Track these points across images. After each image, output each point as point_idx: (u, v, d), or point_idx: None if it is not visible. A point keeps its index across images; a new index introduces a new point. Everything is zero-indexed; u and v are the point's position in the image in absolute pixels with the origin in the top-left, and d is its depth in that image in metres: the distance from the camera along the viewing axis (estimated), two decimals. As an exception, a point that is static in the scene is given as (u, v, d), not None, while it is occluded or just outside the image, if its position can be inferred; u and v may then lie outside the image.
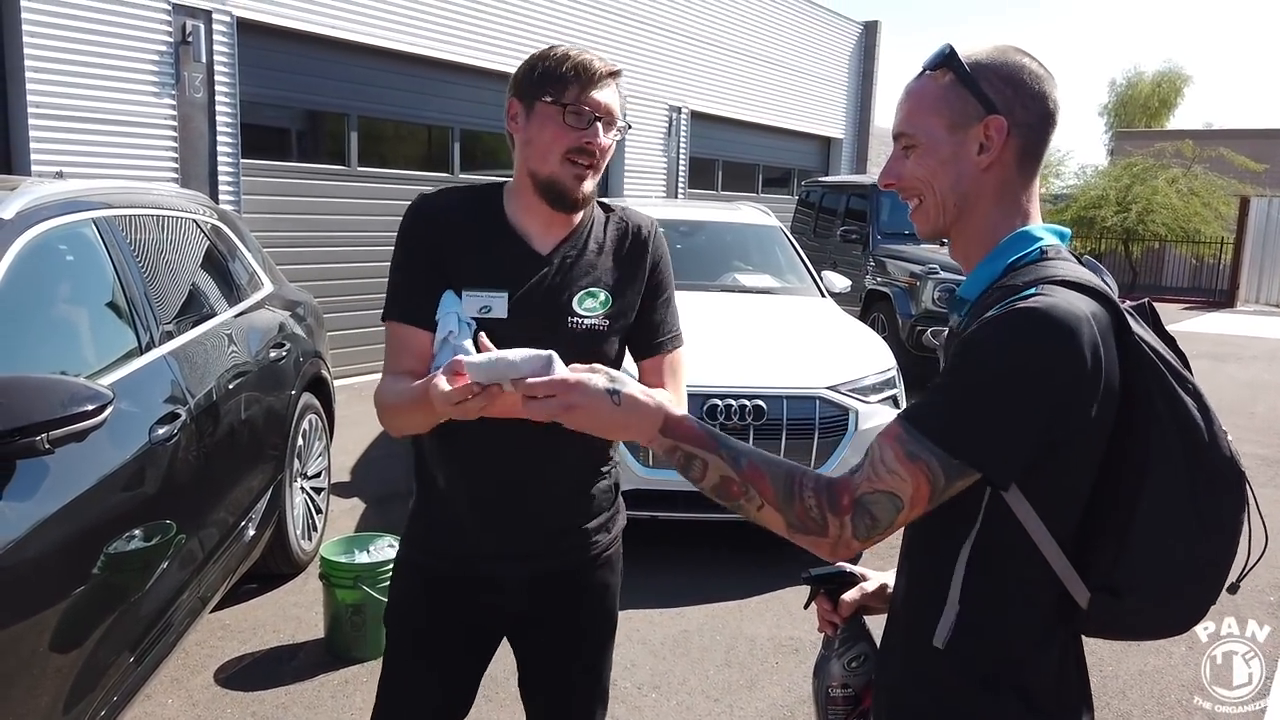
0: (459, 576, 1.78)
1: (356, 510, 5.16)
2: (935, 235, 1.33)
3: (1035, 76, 1.25)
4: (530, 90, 1.67)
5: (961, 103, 1.24)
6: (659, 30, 13.04)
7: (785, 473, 1.23)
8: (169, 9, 7.19)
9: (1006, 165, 1.25)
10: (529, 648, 1.88)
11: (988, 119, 1.23)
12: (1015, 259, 1.24)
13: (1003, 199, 1.27)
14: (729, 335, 5.15)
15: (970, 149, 1.24)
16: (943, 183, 1.26)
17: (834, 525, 1.18)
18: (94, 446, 2.27)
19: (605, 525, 1.84)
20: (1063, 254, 1.25)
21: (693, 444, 1.28)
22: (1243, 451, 1.19)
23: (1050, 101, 1.26)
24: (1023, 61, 1.25)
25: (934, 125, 1.25)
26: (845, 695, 1.44)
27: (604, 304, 1.73)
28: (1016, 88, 1.23)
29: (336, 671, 3.47)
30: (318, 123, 9.10)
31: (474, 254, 1.71)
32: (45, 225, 2.61)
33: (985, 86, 1.23)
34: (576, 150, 1.65)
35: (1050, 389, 1.12)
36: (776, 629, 3.94)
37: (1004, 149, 1.24)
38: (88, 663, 2.26)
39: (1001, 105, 1.23)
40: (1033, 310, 1.12)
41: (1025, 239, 1.26)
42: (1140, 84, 39.24)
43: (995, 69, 1.24)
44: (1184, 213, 19.97)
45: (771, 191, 16.41)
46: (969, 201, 1.27)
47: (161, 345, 2.99)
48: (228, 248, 4.11)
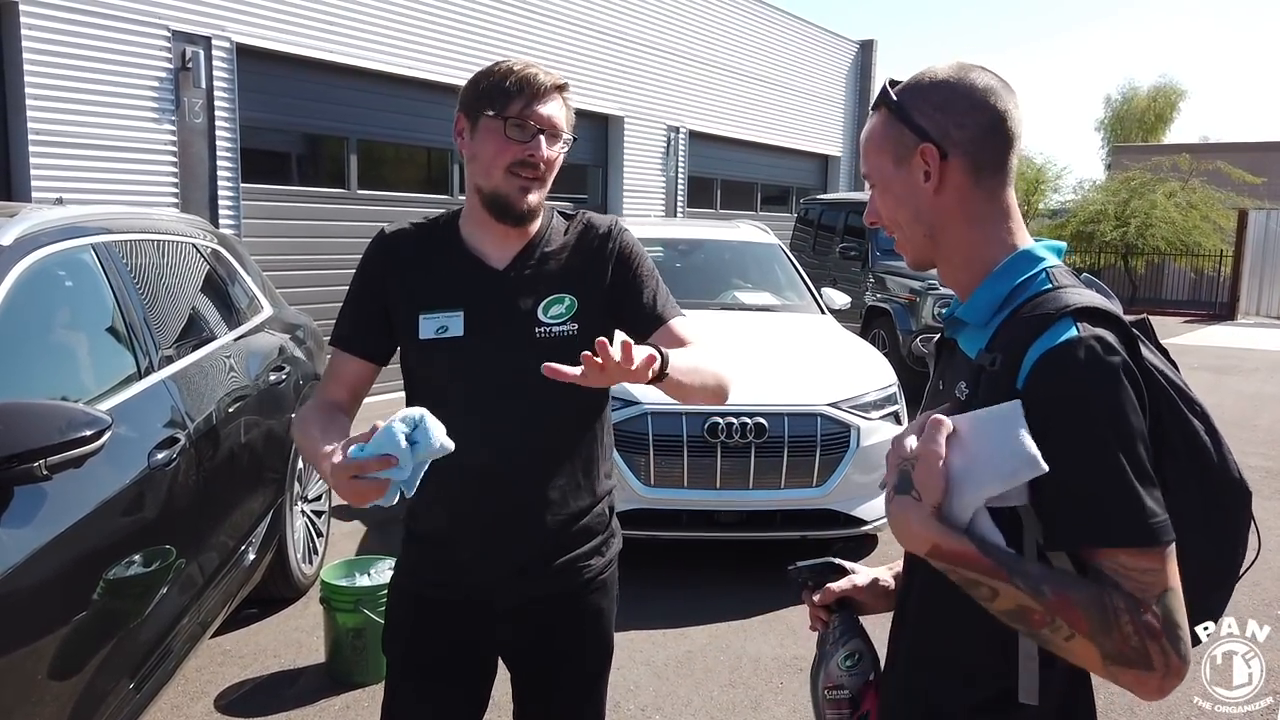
0: (451, 600, 1.77)
1: (358, 533, 5.14)
2: (920, 265, 1.34)
3: (970, 92, 1.23)
4: (475, 105, 1.68)
5: (899, 135, 1.25)
6: (656, 52, 13.11)
7: (1094, 597, 1.08)
8: (168, 35, 7.24)
9: (959, 187, 1.24)
10: (524, 673, 1.86)
11: (920, 147, 1.23)
12: (1022, 281, 1.22)
13: (970, 220, 1.25)
14: (730, 353, 5.13)
15: (917, 179, 1.24)
16: (904, 216, 1.28)
17: (1156, 653, 1.06)
18: (92, 472, 2.25)
19: (599, 549, 1.82)
20: (1067, 275, 1.24)
21: (975, 570, 1.11)
22: (1246, 464, 1.19)
23: (992, 112, 1.22)
24: (957, 79, 1.24)
25: (883, 163, 1.28)
26: (841, 698, 1.38)
27: (570, 309, 1.72)
28: (946, 109, 1.23)
29: (338, 696, 3.44)
30: (317, 146, 9.14)
31: (428, 277, 1.72)
32: (44, 251, 2.61)
33: (916, 115, 1.24)
34: (519, 163, 1.65)
35: (1139, 429, 1.10)
36: (780, 648, 3.91)
37: (948, 172, 1.23)
38: (87, 690, 2.25)
39: (933, 131, 1.23)
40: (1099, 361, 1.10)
41: (1028, 260, 1.24)
42: (1136, 98, 39.45)
43: (926, 95, 1.24)
44: (1183, 226, 20.02)
45: (770, 209, 16.45)
46: (936, 229, 1.27)
47: (161, 370, 2.99)
48: (227, 271, 4.12)
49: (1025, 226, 1.29)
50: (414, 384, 1.77)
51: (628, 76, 12.57)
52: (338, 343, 1.79)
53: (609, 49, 12.19)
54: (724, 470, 4.40)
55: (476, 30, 10.00)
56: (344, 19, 8.65)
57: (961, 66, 1.26)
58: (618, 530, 1.89)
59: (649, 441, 4.37)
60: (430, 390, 1.73)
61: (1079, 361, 1.10)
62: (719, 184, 15.26)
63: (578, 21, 11.61)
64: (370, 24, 8.89)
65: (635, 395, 4.39)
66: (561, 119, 1.69)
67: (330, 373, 1.80)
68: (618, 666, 3.61)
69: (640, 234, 7.18)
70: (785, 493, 4.45)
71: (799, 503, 4.48)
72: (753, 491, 4.44)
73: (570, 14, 11.46)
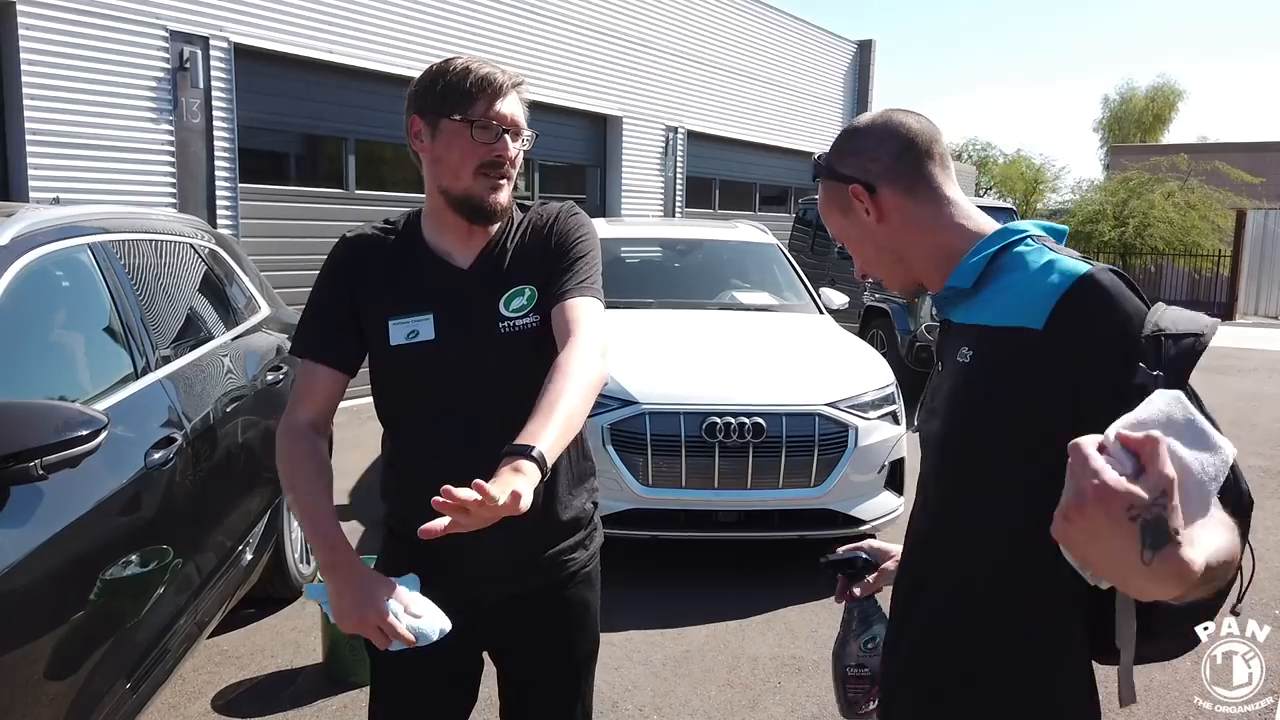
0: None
1: (356, 533, 5.13)
2: (909, 292, 1.44)
3: (871, 129, 1.37)
4: (434, 107, 1.66)
5: (835, 191, 1.39)
6: (655, 52, 13.11)
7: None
8: (166, 35, 7.24)
9: (898, 207, 1.35)
10: (510, 668, 1.85)
11: (848, 190, 1.36)
12: (1005, 244, 1.29)
13: (924, 228, 1.35)
14: (727, 353, 5.15)
15: (862, 219, 1.37)
16: (869, 253, 1.41)
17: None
18: (89, 472, 2.25)
19: (581, 543, 1.81)
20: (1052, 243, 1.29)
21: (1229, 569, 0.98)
22: (1245, 464, 1.18)
23: (897, 137, 1.35)
24: (859, 124, 1.39)
25: (835, 221, 1.42)
26: (862, 674, 1.53)
27: (531, 300, 1.70)
28: (858, 152, 1.37)
29: (335, 696, 3.44)
30: (316, 146, 9.14)
31: (394, 282, 1.71)
32: (41, 250, 2.61)
33: (839, 168, 1.38)
34: (488, 164, 1.64)
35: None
36: (779, 648, 3.91)
37: (882, 200, 1.35)
38: (83, 690, 2.24)
39: (856, 173, 1.36)
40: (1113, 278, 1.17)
41: (1010, 231, 1.31)
42: (1134, 99, 39.48)
43: (840, 148, 1.40)
44: (1181, 226, 20.05)
45: (769, 210, 16.45)
46: (900, 250, 1.37)
47: (158, 369, 2.98)
48: (225, 272, 4.11)
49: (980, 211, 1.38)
50: (385, 389, 1.76)
51: (626, 76, 12.57)
52: (307, 352, 1.73)
53: (608, 49, 12.19)
54: (722, 470, 4.40)
55: (475, 30, 10.00)
56: (342, 19, 8.65)
57: (877, 113, 1.40)
58: (600, 525, 1.89)
59: (647, 441, 4.37)
60: (403, 395, 1.73)
61: (1101, 285, 1.16)
62: (717, 184, 15.26)
63: (576, 21, 11.61)
64: (369, 24, 8.89)
65: (633, 395, 4.39)
66: (521, 115, 1.69)
67: (300, 391, 1.73)
68: (615, 666, 3.63)
69: (639, 234, 7.14)
70: (783, 492, 4.45)
71: (797, 502, 4.47)
72: (751, 491, 4.44)
73: (569, 14, 11.46)
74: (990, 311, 1.24)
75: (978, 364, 1.24)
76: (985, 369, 1.23)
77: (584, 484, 1.83)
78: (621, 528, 4.35)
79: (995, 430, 1.22)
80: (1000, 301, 1.23)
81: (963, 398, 1.26)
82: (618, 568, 4.48)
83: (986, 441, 1.23)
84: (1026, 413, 1.18)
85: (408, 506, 1.70)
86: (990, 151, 41.83)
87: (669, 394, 4.43)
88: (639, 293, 6.00)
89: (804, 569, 4.75)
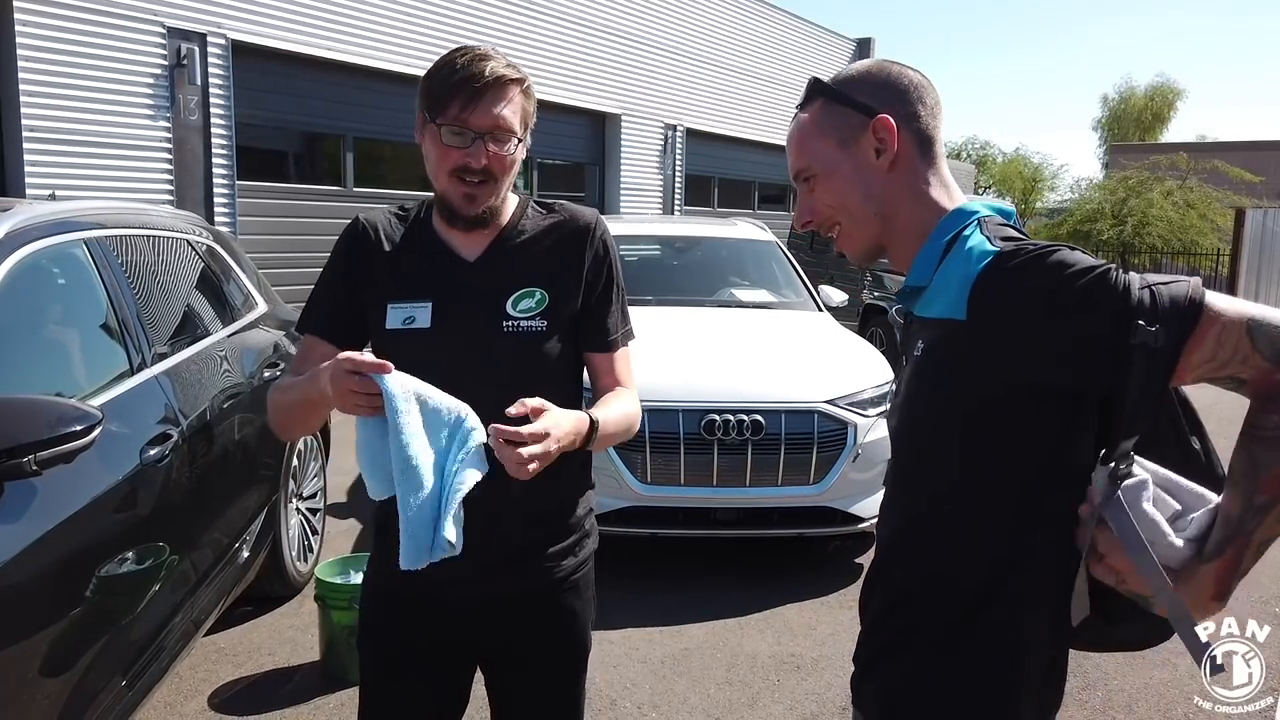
0: (420, 597, 1.72)
1: (353, 531, 5.12)
2: (869, 256, 1.34)
3: (902, 75, 1.29)
4: (421, 103, 1.64)
5: (843, 118, 1.28)
6: (654, 50, 13.10)
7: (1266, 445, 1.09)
8: (164, 32, 7.22)
9: (909, 159, 1.27)
10: (496, 673, 1.82)
11: (873, 121, 1.25)
12: (955, 233, 1.25)
13: (917, 193, 1.28)
14: (727, 350, 5.14)
15: (868, 157, 1.26)
16: (853, 198, 1.28)
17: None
18: (83, 468, 2.24)
19: (571, 549, 1.77)
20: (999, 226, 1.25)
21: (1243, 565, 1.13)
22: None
23: (924, 93, 1.28)
24: (887, 68, 1.30)
25: (825, 148, 1.29)
26: None
27: (540, 303, 1.67)
28: (887, 88, 1.27)
29: (333, 694, 3.42)
30: (314, 144, 9.13)
31: (397, 267, 1.70)
32: (35, 245, 2.59)
33: (859, 96, 1.27)
34: (460, 169, 1.60)
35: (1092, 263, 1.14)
36: (777, 646, 3.90)
37: (900, 144, 1.26)
38: (79, 688, 2.23)
39: (881, 105, 1.26)
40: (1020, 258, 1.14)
41: (961, 215, 1.27)
42: (1133, 98, 39.49)
43: (861, 79, 1.29)
44: (1180, 225, 20.05)
45: (768, 207, 16.45)
46: (887, 207, 1.28)
47: (153, 366, 2.97)
48: (222, 268, 4.10)
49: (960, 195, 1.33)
50: None
51: (625, 75, 12.55)
52: (312, 329, 1.74)
53: (607, 47, 12.17)
54: (721, 468, 4.38)
55: (475, 28, 9.98)
56: (341, 16, 8.63)
57: (881, 61, 1.32)
58: (593, 530, 1.84)
59: (645, 439, 4.36)
60: None
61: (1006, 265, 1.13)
62: (716, 182, 15.26)
63: (576, 19, 11.60)
64: (367, 21, 8.88)
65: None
66: (510, 116, 1.60)
67: (303, 356, 1.74)
68: (614, 664, 3.62)
69: (638, 232, 7.14)
70: (782, 490, 4.44)
71: (796, 500, 4.46)
72: (750, 489, 4.42)
73: (568, 12, 11.44)
74: (936, 305, 1.23)
75: (925, 360, 1.24)
76: (931, 365, 1.23)
77: (580, 489, 1.79)
78: (620, 525, 4.34)
79: (945, 425, 1.22)
80: (942, 293, 1.22)
81: (914, 394, 1.27)
82: (616, 566, 4.47)
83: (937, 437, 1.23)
84: (968, 406, 1.18)
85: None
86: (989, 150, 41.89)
87: (668, 391, 4.41)
88: (638, 290, 5.98)
89: (803, 567, 4.74)
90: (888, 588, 1.32)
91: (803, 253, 10.84)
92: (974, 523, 1.21)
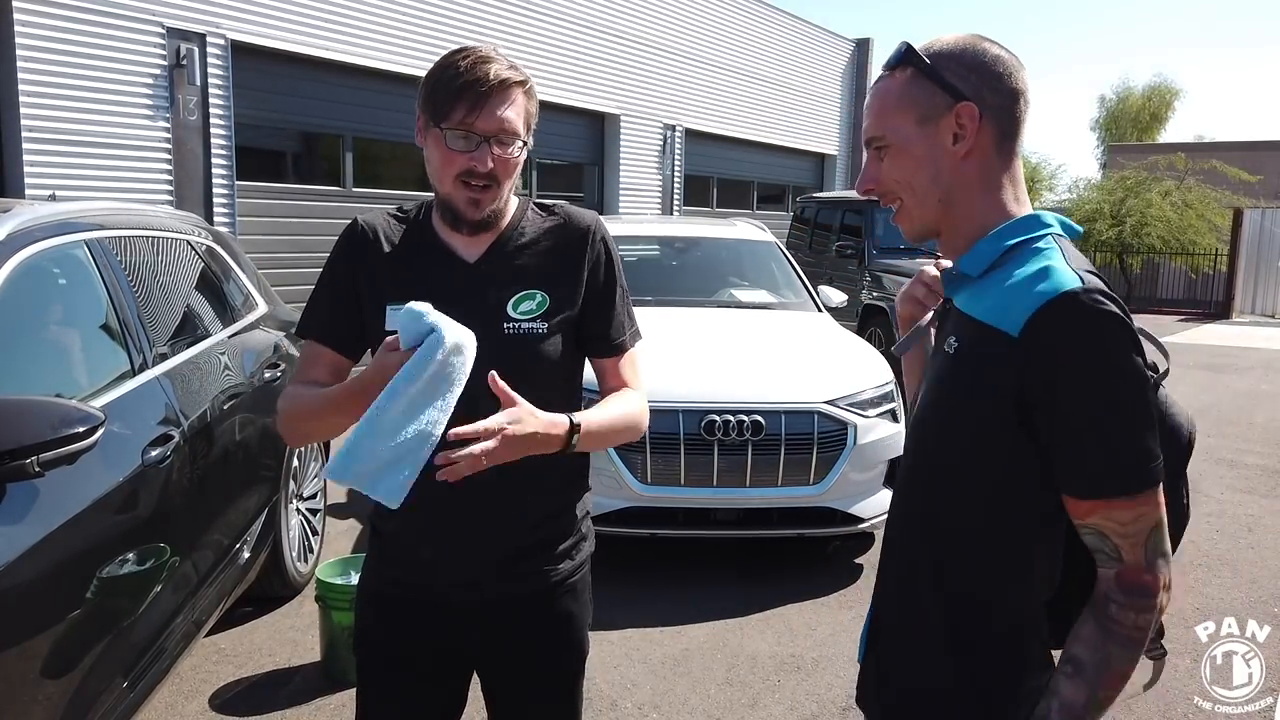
0: (415, 600, 1.72)
1: (353, 531, 5.12)
2: (923, 235, 1.30)
3: (998, 60, 1.23)
4: (423, 106, 1.63)
5: (928, 95, 1.22)
6: (653, 50, 13.10)
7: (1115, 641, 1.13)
8: (163, 32, 7.22)
9: (985, 151, 1.23)
10: (492, 676, 1.81)
11: (958, 106, 1.21)
12: (1025, 239, 1.22)
13: (987, 186, 1.24)
14: (726, 351, 5.14)
15: (944, 140, 1.22)
16: (921, 179, 1.24)
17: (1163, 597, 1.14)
18: (85, 469, 2.24)
19: (568, 552, 1.76)
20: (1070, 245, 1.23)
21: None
22: (1244, 462, 1.20)
23: (1018, 81, 1.23)
24: (984, 47, 1.24)
25: (903, 122, 1.24)
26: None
27: (541, 306, 1.67)
28: (980, 72, 1.22)
29: (333, 695, 3.43)
30: (313, 144, 9.13)
31: (397, 268, 1.69)
32: (37, 247, 2.59)
33: (949, 75, 1.21)
34: (465, 173, 1.60)
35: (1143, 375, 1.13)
36: (778, 646, 3.90)
37: (979, 135, 1.21)
38: (80, 689, 2.23)
39: (969, 91, 1.21)
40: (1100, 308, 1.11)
41: (1036, 223, 1.24)
42: (1130, 98, 39.49)
43: (956, 57, 1.22)
44: (1178, 225, 20.05)
45: (767, 208, 16.45)
46: (953, 194, 1.24)
47: (155, 367, 2.97)
48: (222, 269, 4.10)
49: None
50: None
51: (624, 75, 12.56)
52: (313, 334, 1.74)
53: (606, 47, 12.17)
54: (721, 468, 4.39)
55: (474, 27, 9.98)
56: (340, 16, 8.63)
57: (977, 37, 1.25)
58: (590, 533, 1.83)
59: (646, 439, 4.36)
60: None
61: (1083, 308, 1.10)
62: (715, 182, 15.26)
63: (575, 19, 11.60)
64: (366, 21, 8.87)
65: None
66: (514, 118, 1.60)
67: (302, 370, 1.74)
68: (614, 665, 3.62)
69: (637, 232, 7.13)
70: (782, 490, 4.44)
71: (796, 500, 4.47)
72: (750, 489, 4.43)
73: (567, 12, 11.44)
74: (984, 304, 1.21)
75: (960, 357, 1.22)
76: (965, 364, 1.21)
77: (575, 492, 1.79)
78: (620, 526, 4.34)
79: (966, 425, 1.21)
80: (995, 296, 1.19)
81: (946, 388, 1.25)
82: (617, 566, 4.48)
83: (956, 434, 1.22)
84: (994, 414, 1.17)
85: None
86: (988, 150, 41.71)
87: (668, 392, 4.41)
88: (637, 291, 5.91)
89: (803, 567, 4.75)
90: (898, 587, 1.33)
91: (801, 253, 10.85)
92: (986, 528, 1.21)
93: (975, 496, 1.21)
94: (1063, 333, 1.10)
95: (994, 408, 1.16)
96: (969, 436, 1.20)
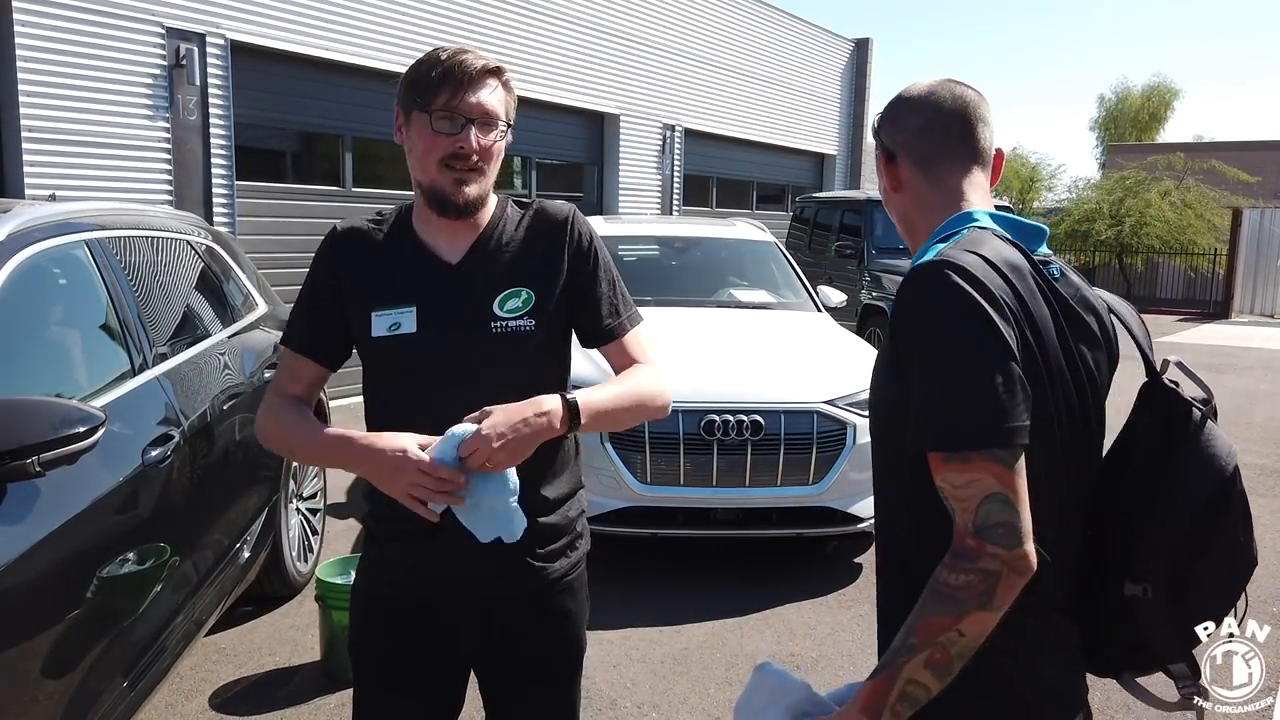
0: (409, 602, 1.72)
1: (353, 531, 5.12)
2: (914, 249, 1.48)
3: (911, 100, 1.41)
4: (406, 98, 1.66)
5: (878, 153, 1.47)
6: (653, 50, 13.10)
7: (931, 595, 1.18)
8: (163, 32, 7.21)
9: (910, 180, 1.41)
10: (490, 676, 1.81)
11: (881, 156, 1.45)
12: (947, 234, 1.34)
13: (924, 206, 1.41)
14: (726, 351, 5.14)
15: (885, 183, 1.46)
16: (894, 218, 1.49)
17: (990, 562, 1.15)
18: (86, 469, 2.24)
19: (563, 551, 1.76)
20: (985, 234, 1.32)
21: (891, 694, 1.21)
22: (1243, 461, 1.20)
23: (924, 112, 1.39)
24: (905, 93, 1.43)
25: (879, 179, 1.49)
26: None
27: (527, 303, 1.68)
28: (893, 120, 1.43)
29: (333, 694, 3.43)
30: (313, 144, 9.12)
31: (379, 273, 1.70)
32: (38, 247, 2.60)
33: (880, 135, 1.45)
34: (451, 156, 1.62)
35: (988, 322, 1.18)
36: (777, 646, 3.91)
37: (898, 171, 1.42)
38: (80, 688, 2.24)
39: (885, 141, 1.44)
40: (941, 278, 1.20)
41: (961, 220, 1.36)
42: (1129, 98, 39.47)
43: (884, 115, 1.45)
44: (1177, 225, 20.06)
45: (766, 208, 16.44)
46: (907, 218, 1.45)
47: (155, 367, 2.97)
48: (222, 269, 4.10)
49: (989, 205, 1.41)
50: (371, 382, 1.75)
51: (624, 74, 12.56)
52: (294, 344, 1.77)
53: (605, 47, 12.17)
54: (720, 468, 4.39)
55: (473, 27, 9.98)
56: (339, 16, 8.63)
57: (931, 82, 1.43)
58: (585, 532, 1.84)
59: (645, 439, 4.36)
60: (386, 388, 1.71)
61: (922, 279, 1.21)
62: (715, 182, 15.25)
63: (574, 19, 11.60)
64: (366, 21, 8.87)
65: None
66: (495, 104, 1.64)
67: (282, 376, 1.78)
68: (614, 664, 3.63)
69: (637, 232, 7.13)
70: (781, 490, 4.45)
71: (795, 500, 4.47)
72: (749, 489, 4.43)
73: (567, 11, 11.44)
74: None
75: (880, 354, 1.35)
76: (882, 359, 1.34)
77: (568, 491, 1.79)
78: (620, 525, 4.35)
79: (883, 398, 1.33)
80: None
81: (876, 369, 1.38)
82: (616, 565, 4.49)
83: (880, 408, 1.35)
84: (893, 381, 1.27)
85: (383, 501, 1.65)
86: (987, 150, 41.71)
87: (667, 392, 4.42)
88: (636, 291, 5.89)
89: (802, 567, 4.75)
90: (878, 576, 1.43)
91: (801, 253, 10.85)
92: (914, 496, 1.27)
93: (898, 466, 1.29)
94: (902, 300, 1.24)
95: (890, 375, 1.28)
96: (886, 406, 1.32)
